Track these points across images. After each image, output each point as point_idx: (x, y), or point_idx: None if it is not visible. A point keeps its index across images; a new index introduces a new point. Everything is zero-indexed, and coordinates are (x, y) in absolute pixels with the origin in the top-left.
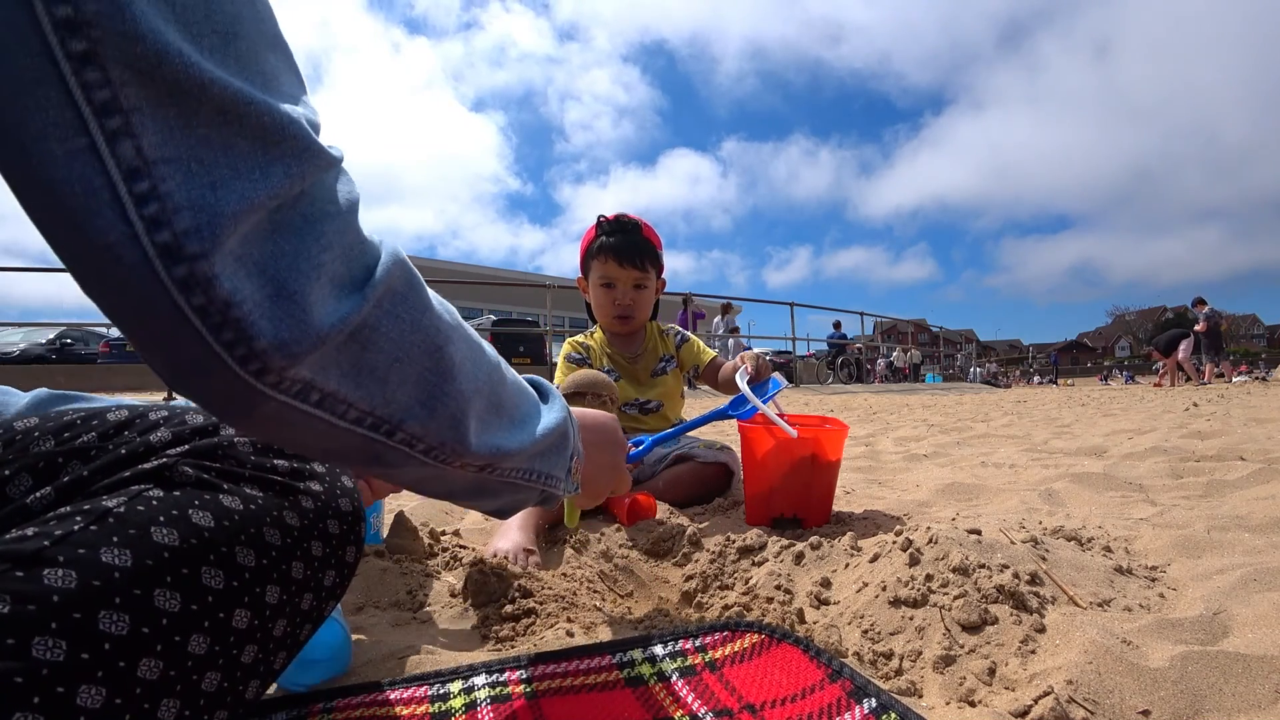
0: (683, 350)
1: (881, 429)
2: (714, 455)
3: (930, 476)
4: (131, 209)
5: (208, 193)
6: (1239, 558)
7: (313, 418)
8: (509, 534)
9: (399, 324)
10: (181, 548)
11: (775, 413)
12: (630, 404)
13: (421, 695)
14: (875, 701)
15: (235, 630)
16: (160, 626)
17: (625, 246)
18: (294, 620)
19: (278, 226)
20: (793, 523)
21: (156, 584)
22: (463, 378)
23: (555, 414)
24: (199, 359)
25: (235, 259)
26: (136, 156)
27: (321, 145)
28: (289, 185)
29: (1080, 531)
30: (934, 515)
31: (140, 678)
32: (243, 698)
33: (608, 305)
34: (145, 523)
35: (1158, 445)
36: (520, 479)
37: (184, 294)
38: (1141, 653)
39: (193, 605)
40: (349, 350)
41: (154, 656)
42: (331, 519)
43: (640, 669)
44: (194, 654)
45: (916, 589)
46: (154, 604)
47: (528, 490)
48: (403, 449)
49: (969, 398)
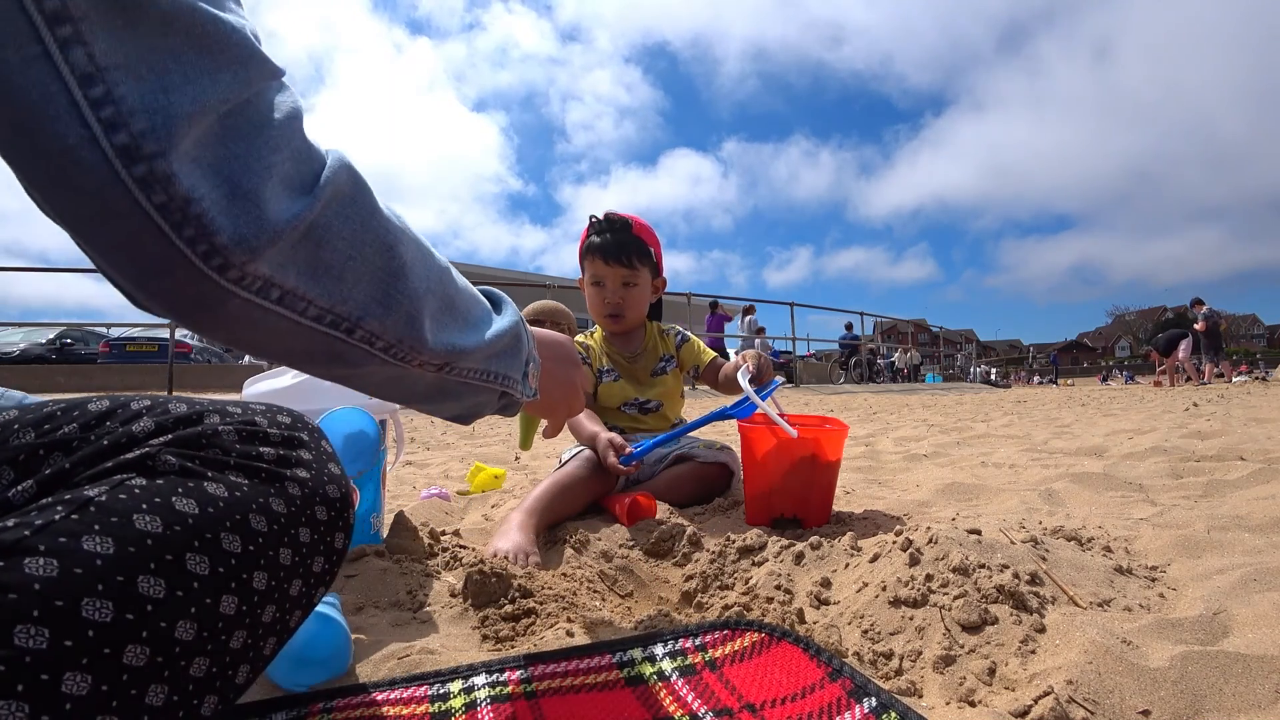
0: (683, 350)
1: (881, 429)
2: (714, 455)
3: (930, 476)
4: (88, 112)
5: (160, 96)
6: (1239, 558)
7: (275, 315)
8: (509, 534)
9: (349, 223)
10: (165, 534)
11: (776, 412)
12: (630, 403)
13: (421, 695)
14: (875, 701)
15: (223, 616)
16: (145, 613)
17: (611, 245)
18: (283, 606)
19: (228, 130)
20: (793, 523)
21: (140, 571)
22: (415, 277)
23: (508, 318)
24: (163, 258)
25: (191, 160)
26: (89, 63)
27: (265, 55)
28: (237, 91)
29: (1080, 531)
30: (934, 515)
31: (126, 664)
32: (233, 682)
33: (598, 304)
34: (127, 510)
35: (1158, 445)
36: (478, 379)
37: (144, 192)
38: (1141, 653)
39: (178, 591)
40: (304, 248)
41: (140, 643)
42: (319, 505)
43: (640, 668)
44: (181, 640)
45: (916, 589)
46: (138, 590)
47: (487, 392)
48: (363, 347)
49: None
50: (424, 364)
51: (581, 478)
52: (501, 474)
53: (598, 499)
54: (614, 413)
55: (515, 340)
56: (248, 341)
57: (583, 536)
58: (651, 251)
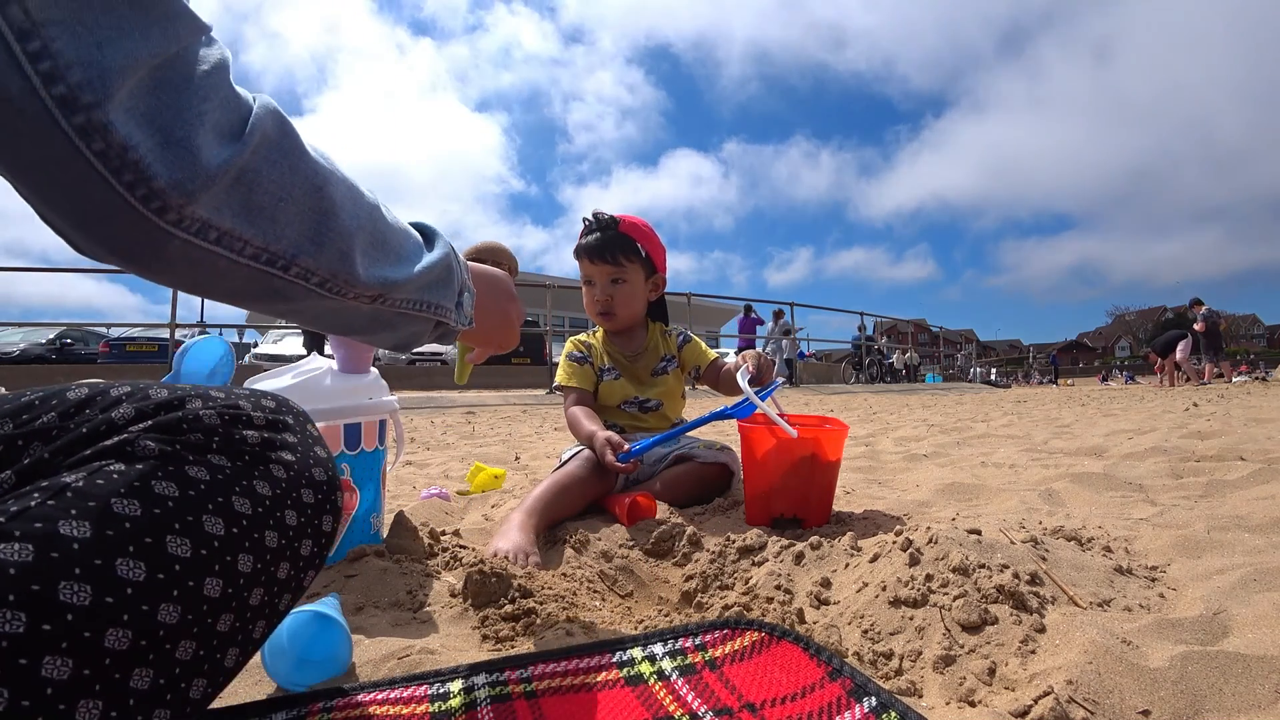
0: (685, 351)
1: (881, 429)
2: (714, 455)
3: (930, 476)
4: (27, 65)
5: (94, 51)
6: (1239, 558)
7: (214, 255)
8: (509, 534)
9: (278, 167)
10: (144, 518)
11: (775, 412)
12: (630, 402)
13: (421, 695)
14: (875, 700)
15: (207, 599)
16: (125, 596)
17: (596, 244)
18: (271, 589)
19: (160, 82)
20: (793, 523)
21: (119, 554)
22: (345, 214)
23: (440, 250)
24: (105, 203)
25: (125, 110)
26: (25, 19)
27: (193, 12)
28: (166, 45)
29: (1080, 531)
30: (934, 515)
31: (108, 648)
32: (222, 665)
33: (590, 302)
34: (105, 495)
35: (1158, 445)
36: (412, 309)
37: (84, 140)
38: (1141, 653)
39: (159, 574)
40: (237, 191)
41: (121, 626)
42: (306, 488)
43: (640, 668)
44: (165, 623)
45: (916, 589)
46: (117, 574)
47: (421, 321)
48: (299, 282)
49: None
50: (358, 296)
51: (581, 478)
52: (501, 474)
53: (597, 499)
54: (614, 411)
55: (447, 271)
56: (190, 281)
57: (583, 536)
58: (641, 248)
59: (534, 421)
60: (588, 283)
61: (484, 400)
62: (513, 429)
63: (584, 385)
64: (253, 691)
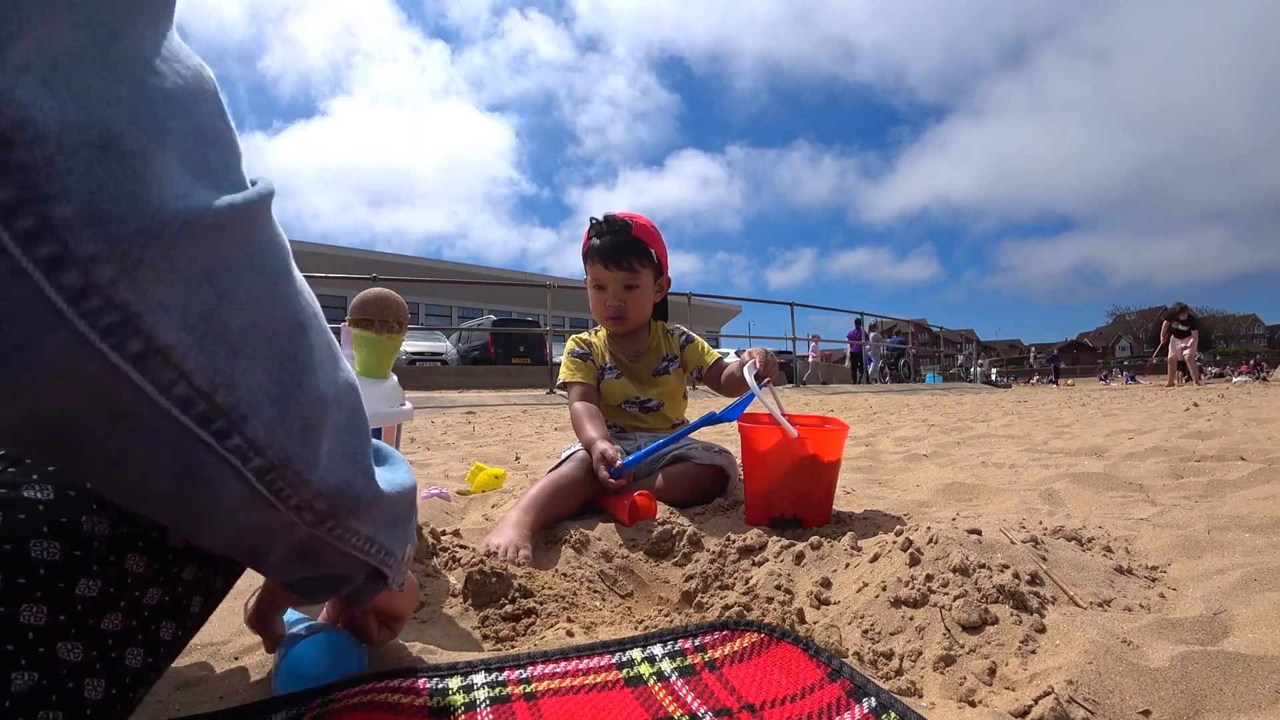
0: (687, 351)
1: (881, 429)
2: (710, 458)
3: (930, 476)
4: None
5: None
6: (1239, 558)
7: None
8: (504, 530)
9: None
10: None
11: (778, 409)
12: (631, 402)
13: (420, 687)
14: (875, 701)
15: (172, 549)
16: (92, 549)
17: (612, 248)
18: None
19: (106, 60)
20: (793, 523)
21: (83, 511)
22: (322, 375)
23: (407, 472)
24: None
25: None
26: None
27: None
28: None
29: (1080, 531)
30: (934, 515)
31: (80, 595)
32: (189, 611)
33: (600, 307)
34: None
35: (1158, 445)
36: (357, 548)
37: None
38: (1142, 653)
39: (123, 528)
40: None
41: (91, 576)
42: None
43: (639, 669)
44: (132, 571)
45: (916, 589)
46: (82, 530)
47: (358, 566)
48: (232, 462)
49: (969, 398)
50: (302, 507)
51: (577, 478)
52: (501, 474)
53: (593, 498)
54: (614, 410)
55: (410, 507)
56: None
57: (583, 536)
58: (653, 252)
59: (534, 421)
60: (598, 287)
61: (484, 400)
62: (513, 429)
63: (588, 380)
64: (253, 692)
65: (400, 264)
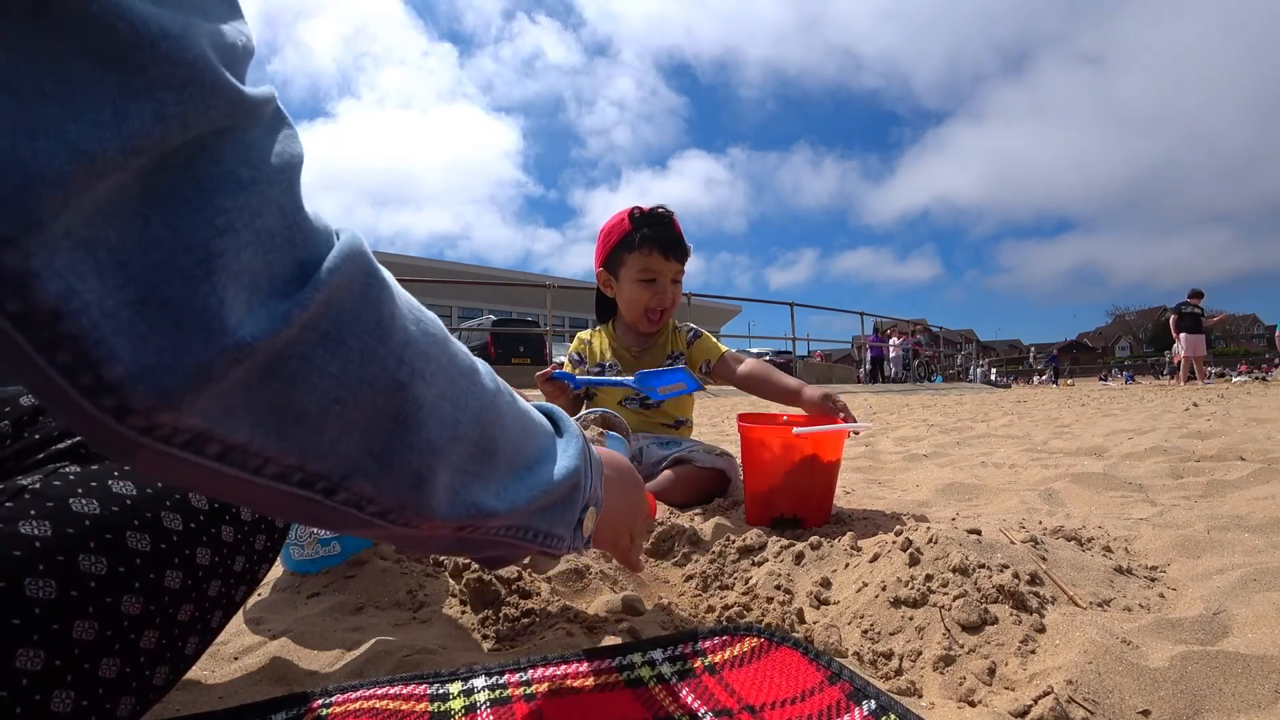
0: (694, 347)
1: (881, 429)
2: (712, 461)
3: (930, 476)
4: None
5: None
6: (1239, 558)
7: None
8: None
9: (342, 353)
10: (103, 515)
11: (849, 420)
12: (632, 399)
13: (421, 693)
14: (875, 703)
15: (169, 590)
16: (89, 589)
17: (670, 239)
18: (228, 581)
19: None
20: (793, 523)
21: (80, 550)
22: (431, 425)
23: (569, 460)
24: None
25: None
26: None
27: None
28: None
29: (1080, 531)
30: (934, 515)
31: (77, 639)
32: (183, 654)
33: (644, 300)
34: (63, 495)
35: (1158, 445)
36: (512, 537)
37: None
38: (1141, 653)
39: (120, 568)
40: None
41: (87, 618)
42: None
43: (640, 672)
44: (128, 614)
45: (916, 589)
46: (79, 569)
47: (522, 549)
48: (349, 510)
49: (969, 398)
50: (435, 528)
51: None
52: None
53: None
54: (616, 409)
55: (571, 490)
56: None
57: None
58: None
59: None
60: (647, 280)
61: None
62: None
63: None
64: (253, 692)
65: (400, 264)
